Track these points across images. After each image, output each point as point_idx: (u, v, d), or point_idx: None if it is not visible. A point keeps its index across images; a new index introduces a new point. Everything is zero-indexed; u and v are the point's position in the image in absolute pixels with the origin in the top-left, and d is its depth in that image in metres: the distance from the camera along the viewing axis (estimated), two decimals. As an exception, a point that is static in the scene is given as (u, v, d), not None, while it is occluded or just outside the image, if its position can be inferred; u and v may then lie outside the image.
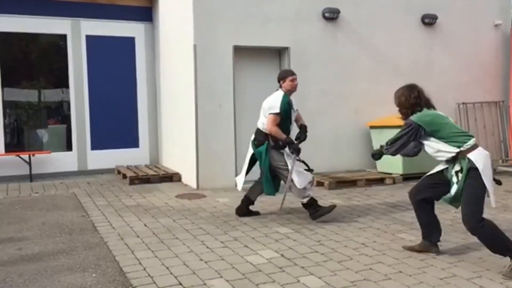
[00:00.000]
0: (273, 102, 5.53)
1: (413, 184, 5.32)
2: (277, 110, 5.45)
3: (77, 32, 9.11)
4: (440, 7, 8.95)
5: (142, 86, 9.65)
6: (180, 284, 3.81)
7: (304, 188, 5.58)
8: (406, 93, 4.33)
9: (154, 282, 3.84)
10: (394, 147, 4.33)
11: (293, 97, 7.99)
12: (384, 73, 8.59)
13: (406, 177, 7.82)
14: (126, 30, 9.45)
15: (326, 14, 8.18)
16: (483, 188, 3.94)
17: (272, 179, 5.67)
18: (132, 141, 9.56)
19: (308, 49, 8.15)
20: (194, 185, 7.72)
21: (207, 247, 4.71)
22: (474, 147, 4.02)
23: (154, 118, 9.73)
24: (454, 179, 4.06)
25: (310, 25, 8.17)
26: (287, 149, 5.56)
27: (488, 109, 9.35)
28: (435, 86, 8.89)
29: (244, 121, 7.95)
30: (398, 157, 8.12)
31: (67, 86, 9.19)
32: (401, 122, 5.24)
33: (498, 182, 4.14)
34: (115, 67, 9.40)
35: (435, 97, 7.70)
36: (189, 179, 7.99)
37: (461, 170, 4.01)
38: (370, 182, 7.84)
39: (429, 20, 8.88)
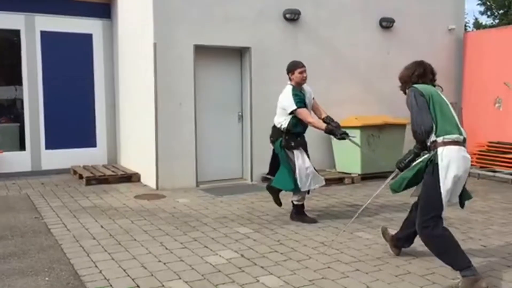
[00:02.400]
0: (285, 101, 5.47)
1: (371, 183, 5.45)
2: (294, 107, 5.37)
3: (31, 27, 8.79)
4: (397, 11, 9.17)
5: (100, 84, 9.41)
6: (138, 286, 3.74)
7: (304, 192, 5.58)
8: (412, 68, 4.03)
9: (111, 285, 3.75)
10: (418, 125, 3.70)
11: (257, 95, 8.09)
12: (343, 74, 8.73)
13: (364, 177, 7.97)
14: (83, 27, 9.19)
15: (287, 15, 8.23)
16: (438, 189, 3.62)
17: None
18: (89, 141, 9.30)
19: (269, 49, 8.18)
20: (153, 186, 7.60)
21: (166, 248, 4.64)
22: (452, 142, 3.63)
23: (113, 117, 9.52)
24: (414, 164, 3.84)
25: (271, 25, 8.20)
26: (295, 151, 5.46)
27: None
28: (392, 87, 8.99)
29: (205, 120, 7.91)
30: (357, 157, 8.30)
31: (20, 83, 8.84)
32: (360, 123, 5.35)
33: (461, 205, 3.87)
34: (71, 64, 9.12)
35: (393, 98, 7.93)
36: (148, 179, 7.86)
37: (423, 161, 3.75)
38: (330, 181, 7.93)
39: (386, 23, 9.09)
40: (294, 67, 5.55)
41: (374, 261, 4.29)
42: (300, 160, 5.46)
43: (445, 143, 3.62)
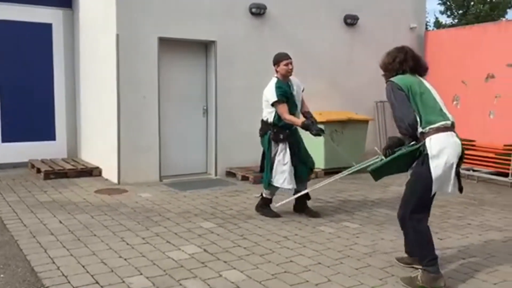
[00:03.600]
0: (268, 93, 5.42)
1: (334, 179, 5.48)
2: (274, 99, 5.33)
3: (-14, 16, 8.45)
4: (361, 9, 9.30)
5: (60, 75, 9.13)
6: (97, 283, 3.66)
7: (275, 188, 5.54)
8: (393, 54, 3.82)
9: (69, 282, 3.65)
10: (401, 121, 3.58)
11: (222, 89, 8.04)
12: (308, 70, 8.75)
13: (327, 172, 8.05)
14: (43, 16, 8.89)
15: (253, 10, 8.21)
16: (428, 179, 3.50)
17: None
18: (48, 134, 9.02)
19: (235, 43, 8.14)
20: (115, 180, 7.45)
21: (127, 244, 4.56)
22: (439, 129, 3.51)
23: (73, 110, 9.26)
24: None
25: (237, 19, 8.16)
26: (281, 144, 5.39)
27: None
28: (356, 84, 9.27)
29: (169, 114, 7.81)
30: (321, 152, 8.39)
31: (-26, 74, 8.50)
32: (324, 118, 5.39)
33: (460, 189, 3.72)
34: (29, 55, 8.81)
35: (356, 94, 8.06)
36: (110, 173, 7.70)
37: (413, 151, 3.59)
38: (294, 176, 7.99)
39: (350, 21, 9.20)
40: (279, 59, 5.51)
41: (335, 254, 4.35)
42: (281, 156, 5.40)
43: (432, 132, 3.50)
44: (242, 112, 8.23)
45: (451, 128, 3.58)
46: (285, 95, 5.35)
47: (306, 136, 5.67)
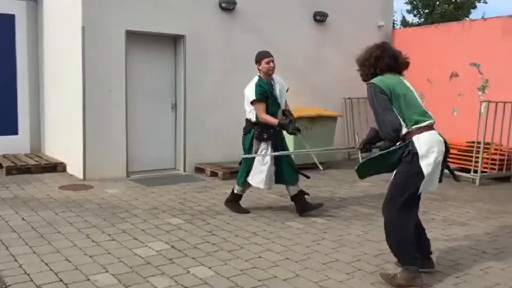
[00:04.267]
0: (248, 91, 5.37)
1: (301, 175, 5.52)
2: (253, 98, 5.28)
3: None
4: (331, 6, 9.36)
5: (23, 68, 8.85)
6: (61, 280, 3.57)
7: (249, 185, 5.49)
8: (370, 50, 3.72)
9: (31, 280, 3.55)
10: (383, 125, 3.55)
11: (191, 84, 7.95)
12: (278, 66, 8.71)
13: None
14: (5, 6, 8.58)
15: (223, 5, 8.15)
16: (417, 178, 3.46)
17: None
18: (10, 128, 8.72)
19: (205, 38, 8.07)
20: (80, 176, 7.29)
21: (93, 241, 4.47)
22: (424, 128, 3.51)
23: (37, 103, 8.99)
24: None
25: (207, 14, 8.09)
26: (263, 144, 5.33)
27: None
28: (325, 80, 9.35)
29: (136, 108, 7.69)
30: (290, 148, 8.42)
31: None
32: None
33: (456, 178, 3.81)
34: (-9, 46, 8.52)
35: (325, 91, 8.10)
36: (75, 169, 7.52)
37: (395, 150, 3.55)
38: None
39: (320, 18, 9.26)
40: (260, 57, 5.44)
41: (303, 249, 4.38)
42: (267, 155, 5.34)
43: (419, 131, 3.48)
44: (212, 107, 8.19)
45: (433, 126, 3.57)
46: (265, 94, 5.29)
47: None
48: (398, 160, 3.55)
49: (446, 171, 3.70)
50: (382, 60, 3.65)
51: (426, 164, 3.44)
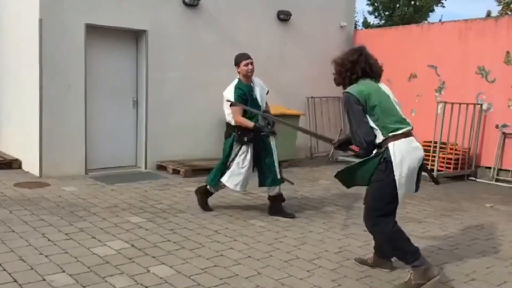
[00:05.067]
0: (227, 93, 5.27)
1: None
2: (232, 100, 5.20)
3: None
4: (294, 5, 9.42)
5: (-24, 60, 8.49)
6: (15, 281, 3.44)
7: (224, 186, 5.41)
8: (347, 54, 3.66)
9: (-18, 282, 3.41)
10: (357, 136, 3.54)
11: (153, 81, 7.82)
12: (241, 64, 8.78)
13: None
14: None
15: (187, 0, 8.06)
16: (392, 186, 3.43)
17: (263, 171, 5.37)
18: (-39, 123, 8.38)
19: (168, 34, 7.96)
20: (36, 173, 7.06)
21: (49, 240, 4.33)
22: (400, 135, 3.46)
23: (-10, 98, 8.65)
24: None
25: (170, 9, 7.97)
26: (244, 146, 5.24)
27: (333, 103, 10.16)
28: (289, 79, 9.40)
29: (96, 104, 7.50)
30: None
31: None
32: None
33: (436, 181, 3.80)
34: None
35: (288, 89, 8.12)
36: (31, 166, 7.27)
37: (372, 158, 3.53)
38: (225, 170, 7.98)
39: (284, 16, 9.30)
40: (239, 59, 5.38)
41: (265, 247, 4.39)
42: (241, 158, 5.26)
43: (394, 138, 3.43)
44: (174, 104, 8.09)
45: (410, 132, 3.53)
46: (244, 97, 5.23)
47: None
48: (374, 169, 3.51)
49: (425, 174, 3.72)
50: (359, 66, 3.58)
51: (399, 173, 3.41)
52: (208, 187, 5.55)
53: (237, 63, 5.38)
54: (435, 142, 7.84)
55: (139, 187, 6.66)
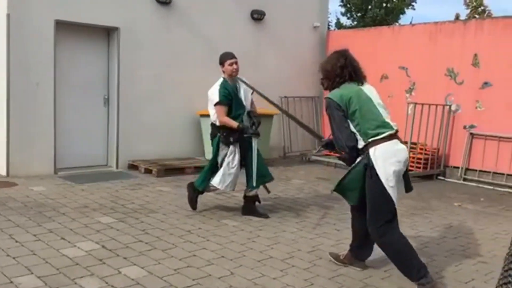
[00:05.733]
0: (212, 93, 5.20)
1: (240, 171, 5.50)
2: (216, 100, 5.12)
3: None
4: (267, 5, 9.44)
5: None
6: (-20, 285, 3.34)
7: (215, 188, 5.30)
8: (336, 61, 3.65)
9: None
10: (339, 140, 3.56)
11: (125, 78, 7.70)
12: (216, 63, 8.65)
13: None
14: None
15: (159, -2, 7.99)
16: (384, 192, 3.41)
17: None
18: None
19: (140, 32, 7.85)
20: (3, 172, 6.86)
21: (16, 241, 4.21)
22: (382, 140, 3.44)
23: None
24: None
25: (142, 7, 7.87)
26: (231, 147, 5.17)
27: (306, 103, 10.23)
28: (262, 79, 9.35)
29: (66, 102, 7.36)
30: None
31: None
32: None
33: (408, 188, 3.67)
34: None
35: (262, 89, 8.06)
36: (-3, 165, 7.08)
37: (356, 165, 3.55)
38: (199, 169, 7.91)
39: (257, 16, 9.31)
40: (224, 58, 5.31)
41: (238, 247, 4.38)
42: (231, 158, 5.19)
43: (376, 143, 3.42)
44: (147, 102, 8.00)
45: (394, 135, 3.50)
46: (228, 96, 5.17)
47: (208, 130, 5.57)
48: (363, 175, 3.50)
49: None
50: (346, 70, 3.60)
51: (386, 178, 3.39)
52: (197, 187, 5.43)
53: (221, 63, 5.34)
54: (406, 142, 7.97)
55: (110, 186, 6.56)
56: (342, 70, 3.61)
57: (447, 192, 7.31)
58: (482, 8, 27.16)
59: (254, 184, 5.29)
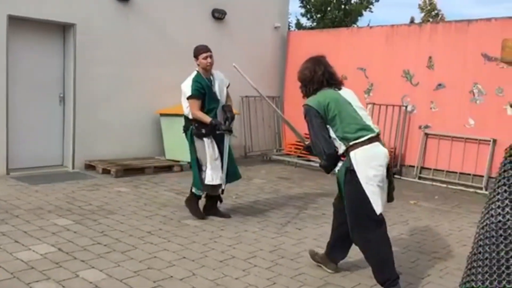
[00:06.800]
0: (185, 86, 5.08)
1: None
2: (189, 93, 5.01)
3: None
4: (229, 4, 9.41)
5: None
6: None
7: (209, 186, 5.14)
8: (311, 67, 3.65)
9: None
10: (317, 147, 3.53)
11: (82, 76, 7.49)
12: (176, 61, 8.60)
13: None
14: None
15: (118, -6, 7.81)
16: (364, 197, 3.35)
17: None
18: None
19: (97, 28, 7.65)
20: (-49, 173, 6.55)
21: (-34, 246, 4.03)
22: (362, 143, 3.41)
23: None
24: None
25: (100, 3, 7.67)
26: (206, 139, 5.06)
27: (267, 102, 10.25)
28: (225, 77, 9.36)
29: (20, 100, 7.09)
30: (186, 145, 8.29)
31: None
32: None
33: (390, 198, 3.57)
34: None
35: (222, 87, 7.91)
36: None
37: (339, 171, 3.54)
38: (159, 169, 7.83)
39: (218, 15, 9.27)
40: (197, 52, 5.22)
41: (200, 248, 4.35)
42: (211, 150, 5.09)
43: (356, 146, 3.40)
44: (104, 101, 7.82)
45: (375, 138, 3.47)
46: (201, 90, 5.09)
47: (168, 129, 5.53)
48: (344, 181, 3.50)
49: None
50: (323, 76, 3.61)
51: (365, 182, 3.34)
52: (194, 191, 5.30)
53: (195, 56, 5.26)
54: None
55: (66, 187, 6.36)
56: (318, 76, 3.60)
57: (403, 190, 7.50)
58: (435, 12, 28.14)
59: (233, 178, 5.29)
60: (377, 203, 3.37)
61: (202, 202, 5.49)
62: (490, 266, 1.68)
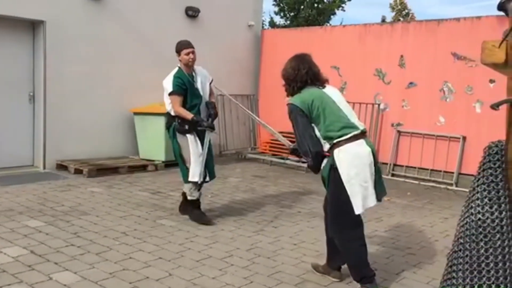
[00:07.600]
0: (166, 83, 4.99)
1: (175, 170, 5.42)
2: (170, 90, 4.93)
3: None
4: (202, 2, 9.35)
5: None
6: None
7: (196, 183, 5.05)
8: (295, 65, 3.60)
9: None
10: (302, 145, 3.50)
11: (52, 74, 7.33)
12: (149, 60, 8.54)
13: (168, 164, 7.96)
14: None
15: (89, -9, 7.67)
16: (346, 196, 3.34)
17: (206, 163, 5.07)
18: None
19: (68, 26, 7.50)
20: None
21: None
22: (346, 141, 3.37)
23: None
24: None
25: (71, 0, 7.53)
26: (189, 135, 4.98)
27: (241, 101, 10.24)
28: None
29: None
30: (161, 145, 8.22)
31: None
32: (165, 110, 5.24)
33: (379, 199, 3.54)
34: None
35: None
36: None
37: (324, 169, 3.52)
38: (133, 169, 7.73)
39: (192, 13, 9.20)
40: (180, 47, 5.11)
41: (176, 248, 4.32)
42: (195, 146, 5.02)
43: (340, 144, 3.36)
44: (76, 99, 7.67)
45: (360, 135, 3.44)
46: (183, 86, 5.01)
47: (143, 129, 5.48)
48: (328, 179, 3.49)
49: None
50: (307, 75, 3.57)
51: (347, 180, 3.33)
52: (189, 196, 5.18)
53: (178, 52, 5.17)
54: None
55: (37, 188, 6.23)
56: (302, 74, 3.56)
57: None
58: (406, 11, 28.63)
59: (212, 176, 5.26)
60: (357, 203, 3.35)
61: (178, 203, 5.44)
62: (471, 263, 1.74)
